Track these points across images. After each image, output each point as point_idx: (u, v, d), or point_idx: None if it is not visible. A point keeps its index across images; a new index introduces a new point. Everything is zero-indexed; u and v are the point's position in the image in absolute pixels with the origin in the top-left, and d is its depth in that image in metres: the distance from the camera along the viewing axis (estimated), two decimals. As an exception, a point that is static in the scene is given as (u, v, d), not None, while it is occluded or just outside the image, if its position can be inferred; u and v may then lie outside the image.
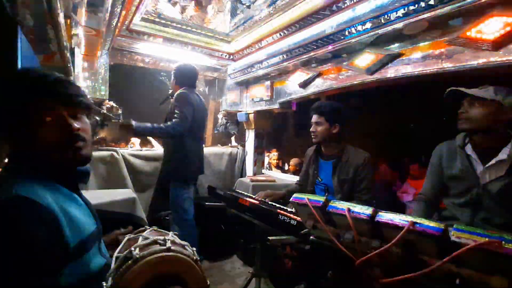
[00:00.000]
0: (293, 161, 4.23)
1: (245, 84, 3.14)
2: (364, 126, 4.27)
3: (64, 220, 0.64)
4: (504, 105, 1.15)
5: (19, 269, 0.54)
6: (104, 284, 0.65)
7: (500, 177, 1.18)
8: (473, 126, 1.23)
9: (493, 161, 1.20)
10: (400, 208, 3.00)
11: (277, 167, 4.14)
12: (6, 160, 0.72)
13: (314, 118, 1.72)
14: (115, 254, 0.74)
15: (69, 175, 0.76)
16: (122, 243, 0.80)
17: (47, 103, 0.69)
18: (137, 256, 0.69)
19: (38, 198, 0.61)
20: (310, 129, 1.74)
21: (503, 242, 0.50)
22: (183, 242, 0.81)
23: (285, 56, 2.28)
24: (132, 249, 0.72)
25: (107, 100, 2.48)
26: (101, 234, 0.85)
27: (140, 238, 0.78)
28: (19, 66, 1.06)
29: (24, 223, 0.57)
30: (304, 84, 2.30)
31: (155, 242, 0.76)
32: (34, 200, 0.60)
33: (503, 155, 1.17)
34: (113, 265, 0.70)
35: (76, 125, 0.72)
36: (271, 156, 4.12)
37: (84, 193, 0.84)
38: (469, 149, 1.30)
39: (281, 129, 5.56)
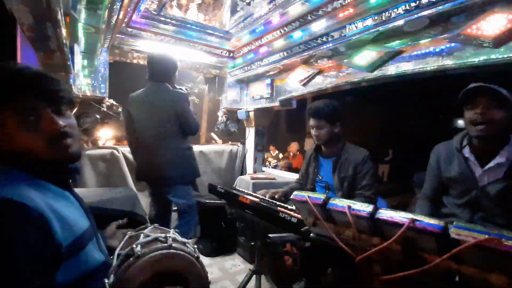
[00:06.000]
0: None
1: (245, 82, 3.13)
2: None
3: (54, 220, 0.62)
4: None
5: (8, 272, 0.53)
6: (106, 281, 0.66)
7: (498, 180, 1.17)
8: (495, 130, 1.12)
9: (491, 164, 1.18)
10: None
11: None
12: None
13: (314, 122, 1.68)
14: (117, 251, 0.74)
15: (59, 173, 0.72)
16: (124, 241, 0.80)
17: (28, 101, 0.64)
18: (139, 253, 0.69)
19: (25, 200, 0.58)
20: (313, 133, 1.71)
21: (502, 239, 0.50)
22: (184, 240, 0.81)
23: (285, 54, 2.27)
24: (134, 246, 0.72)
25: (107, 98, 2.47)
26: (97, 231, 0.82)
27: (142, 236, 0.79)
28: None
29: (11, 226, 0.55)
30: (305, 82, 2.29)
31: (156, 239, 0.77)
32: (21, 201, 0.57)
33: (501, 158, 1.15)
34: (115, 262, 0.70)
35: (62, 122, 0.67)
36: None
37: (85, 191, 0.84)
38: (466, 151, 1.26)
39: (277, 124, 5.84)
